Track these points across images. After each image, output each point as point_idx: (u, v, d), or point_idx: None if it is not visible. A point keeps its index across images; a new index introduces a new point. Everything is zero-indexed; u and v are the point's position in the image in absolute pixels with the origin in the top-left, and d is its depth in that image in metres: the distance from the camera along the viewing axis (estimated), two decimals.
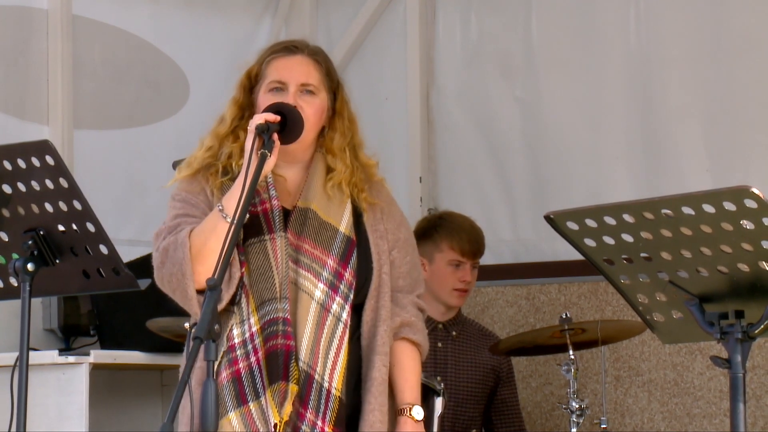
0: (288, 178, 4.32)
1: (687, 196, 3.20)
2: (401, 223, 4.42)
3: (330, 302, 4.20)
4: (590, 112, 6.64)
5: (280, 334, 4.15)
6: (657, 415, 6.42)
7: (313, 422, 4.14)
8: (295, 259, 4.20)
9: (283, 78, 4.31)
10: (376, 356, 4.24)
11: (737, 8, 6.32)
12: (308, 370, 4.16)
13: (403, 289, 4.35)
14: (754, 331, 3.27)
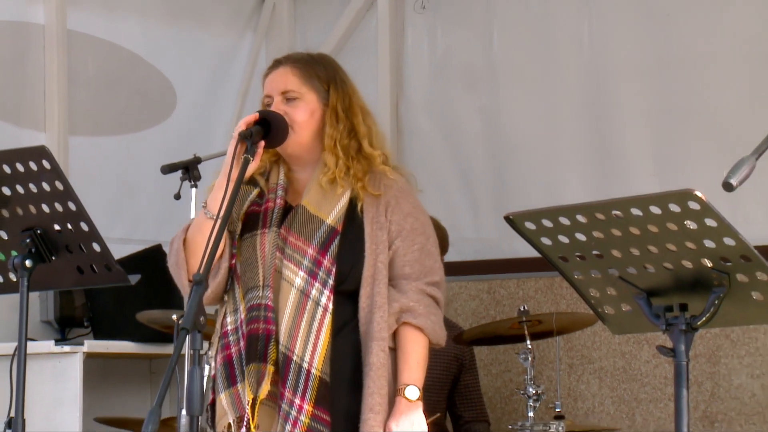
0: (300, 179, 4.31)
1: (635, 198, 3.20)
2: (409, 213, 4.31)
3: (310, 288, 4.17)
4: (546, 121, 6.66)
5: (261, 319, 4.15)
6: (607, 399, 6.45)
7: (291, 400, 4.11)
8: (282, 250, 4.20)
9: (268, 92, 4.32)
10: (374, 342, 4.18)
11: (681, 26, 6.34)
12: (286, 352, 4.14)
13: (409, 277, 4.25)
14: (696, 322, 3.26)
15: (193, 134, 6.60)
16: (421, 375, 4.25)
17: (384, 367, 4.19)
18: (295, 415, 4.12)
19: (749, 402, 6.16)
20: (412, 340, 4.24)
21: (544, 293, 6.47)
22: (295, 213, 4.22)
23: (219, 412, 4.17)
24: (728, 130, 6.03)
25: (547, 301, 6.41)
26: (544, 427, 5.50)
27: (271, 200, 4.25)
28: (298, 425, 4.11)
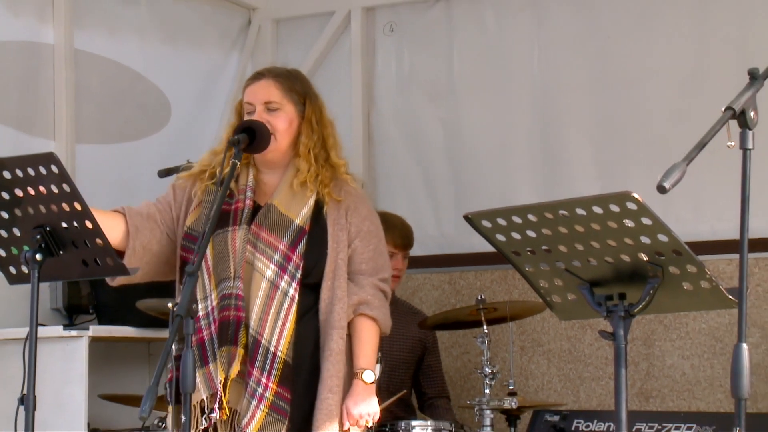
0: (268, 181, 4.35)
1: (580, 199, 3.21)
2: (366, 217, 4.38)
3: (279, 280, 4.20)
4: (500, 131, 6.66)
5: (232, 307, 4.17)
6: (554, 378, 6.46)
7: (258, 379, 4.14)
8: (254, 245, 4.22)
9: (251, 100, 4.34)
10: (334, 330, 4.24)
11: (619, 47, 6.35)
12: (256, 336, 4.16)
13: (365, 273, 4.34)
14: (634, 310, 3.28)
15: (185, 142, 6.59)
16: (374, 360, 4.35)
17: (342, 352, 4.25)
18: (261, 392, 4.15)
19: (680, 380, 6.18)
20: (368, 330, 4.33)
21: (499, 284, 6.47)
22: (266, 212, 4.25)
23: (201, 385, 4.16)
24: (661, 139, 6.05)
25: (502, 291, 6.42)
26: (498, 402, 5.49)
27: (241, 200, 4.28)
28: (263, 401, 4.14)
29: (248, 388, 4.14)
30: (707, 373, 6.12)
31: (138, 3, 6.58)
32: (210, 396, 4.13)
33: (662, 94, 6.23)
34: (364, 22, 6.92)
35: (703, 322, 6.13)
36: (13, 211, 4.14)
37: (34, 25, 6.19)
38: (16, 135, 6.04)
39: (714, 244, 5.65)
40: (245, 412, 4.13)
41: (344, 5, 6.93)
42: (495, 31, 6.67)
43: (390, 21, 6.92)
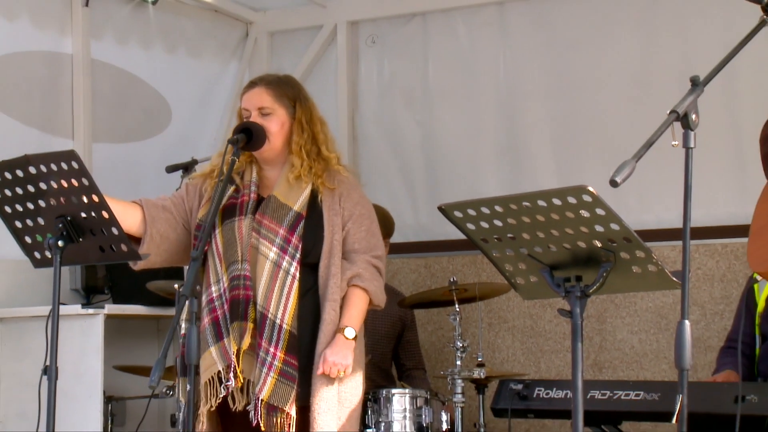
0: (270, 176, 4.40)
1: (541, 192, 3.21)
2: (358, 202, 4.41)
3: (281, 261, 4.22)
4: (470, 131, 6.66)
5: (241, 286, 4.20)
6: (518, 351, 6.47)
7: (267, 349, 4.16)
8: (258, 231, 4.24)
9: (247, 107, 4.39)
10: (328, 303, 4.27)
11: (576, 57, 6.36)
12: (263, 311, 4.18)
13: (358, 251, 4.35)
14: (589, 290, 3.28)
15: (184, 143, 6.60)
16: (359, 323, 4.33)
17: (334, 322, 4.28)
18: (270, 361, 4.16)
19: (629, 352, 6.20)
20: (357, 296, 4.33)
21: (469, 267, 6.48)
22: (267, 202, 4.28)
23: (206, 363, 4.17)
24: (613, 138, 6.07)
25: (471, 274, 6.42)
26: (468, 372, 5.50)
27: (246, 194, 4.31)
28: (273, 369, 4.15)
29: (259, 358, 4.15)
30: (653, 346, 6.14)
31: (146, 18, 6.56)
32: (225, 367, 4.14)
33: (613, 98, 6.24)
34: (349, 34, 6.92)
35: (650, 301, 6.16)
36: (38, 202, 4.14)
37: (56, 38, 6.19)
38: (39, 135, 6.05)
39: (660, 232, 5.68)
40: (257, 380, 4.14)
41: (331, 19, 6.92)
42: (465, 43, 6.67)
43: (372, 34, 6.92)
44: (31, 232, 4.23)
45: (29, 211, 4.19)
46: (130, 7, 6.50)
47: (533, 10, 6.45)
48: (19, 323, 5.77)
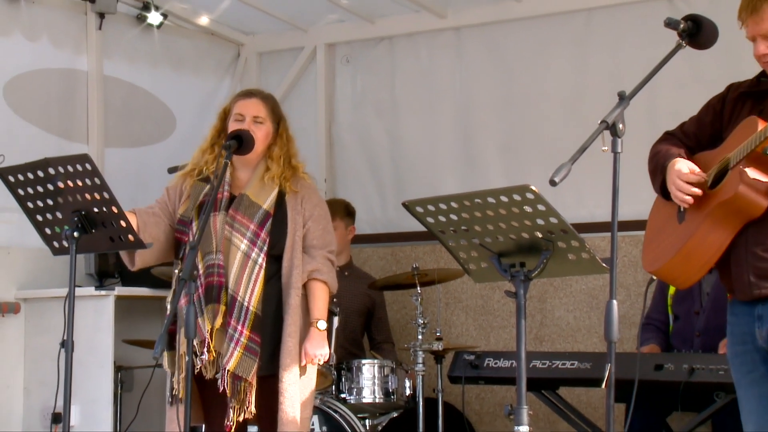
0: (241, 176, 4.41)
1: (490, 190, 3.23)
2: (317, 204, 4.45)
3: (251, 252, 4.25)
4: (431, 139, 6.66)
5: (215, 273, 4.22)
6: (471, 327, 6.48)
7: (235, 327, 4.19)
8: (231, 225, 4.26)
9: (243, 112, 4.38)
10: (292, 289, 4.30)
11: (521, 74, 6.37)
12: (233, 294, 4.21)
13: (316, 246, 4.39)
14: (531, 275, 3.30)
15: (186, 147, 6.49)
16: (325, 313, 4.39)
17: (298, 306, 4.31)
18: (237, 337, 4.19)
19: (566, 328, 6.22)
20: (320, 290, 4.37)
21: (429, 255, 6.48)
22: (240, 200, 4.31)
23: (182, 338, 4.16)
24: (552, 144, 6.07)
25: (431, 261, 6.42)
26: (428, 345, 5.51)
27: (221, 192, 4.28)
28: (239, 344, 4.18)
29: (227, 335, 4.18)
30: (586, 322, 6.16)
31: (151, 40, 6.53)
32: (199, 343, 4.16)
33: (552, 110, 6.25)
34: (327, 55, 6.90)
35: (583, 284, 6.18)
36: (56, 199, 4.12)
37: (72, 57, 6.17)
38: (58, 140, 6.03)
39: (592, 225, 5.69)
40: (225, 353, 4.17)
41: (311, 42, 6.90)
42: (426, 63, 6.67)
43: (346, 54, 6.91)
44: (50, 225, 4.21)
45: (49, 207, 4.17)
46: (137, 31, 6.47)
47: (485, 35, 6.45)
48: (41, 303, 5.75)
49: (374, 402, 5.54)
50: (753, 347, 3.38)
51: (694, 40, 3.31)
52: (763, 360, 3.37)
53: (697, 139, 3.56)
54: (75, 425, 5.49)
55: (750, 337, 3.38)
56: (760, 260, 3.27)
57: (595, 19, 6.13)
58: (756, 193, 3.24)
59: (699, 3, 5.62)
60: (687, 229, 3.41)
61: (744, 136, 3.28)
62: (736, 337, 3.46)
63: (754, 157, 3.23)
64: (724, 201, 3.28)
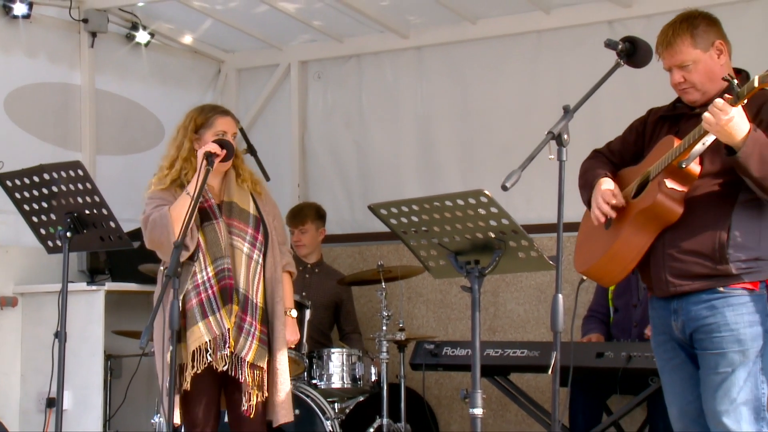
0: (213, 184, 4.38)
1: (448, 195, 3.24)
2: (274, 205, 4.52)
3: (252, 254, 4.28)
4: (394, 148, 6.65)
5: (227, 277, 4.21)
6: (431, 319, 6.47)
7: (250, 322, 4.22)
8: (230, 231, 4.24)
9: (226, 129, 4.40)
10: (277, 282, 4.35)
11: (477, 87, 6.36)
12: (245, 293, 4.23)
13: (282, 242, 4.46)
14: (485, 271, 3.32)
15: None
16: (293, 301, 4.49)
17: (281, 297, 4.37)
18: (252, 331, 4.24)
19: (516, 320, 6.23)
20: (289, 281, 4.47)
21: (393, 254, 6.47)
22: (230, 207, 4.31)
23: (195, 336, 4.14)
24: (504, 153, 6.07)
25: (395, 259, 6.40)
26: (392, 335, 5.51)
27: (209, 200, 4.30)
28: (254, 337, 4.22)
29: (243, 330, 4.21)
30: (535, 314, 6.17)
31: (140, 56, 6.49)
32: (212, 339, 4.14)
33: (505, 121, 6.25)
34: (300, 71, 6.87)
35: (533, 279, 6.19)
36: (51, 202, 4.10)
37: (67, 72, 6.13)
38: (53, 148, 5.99)
39: (540, 226, 5.67)
40: (243, 347, 4.19)
41: (286, 60, 6.87)
42: (391, 79, 6.66)
43: (318, 70, 6.89)
44: (45, 226, 4.18)
45: (43, 209, 4.14)
46: (127, 48, 6.42)
47: (444, 54, 6.45)
48: (36, 297, 5.70)
49: (343, 387, 5.52)
50: (671, 337, 3.53)
51: (632, 60, 3.42)
52: (681, 348, 3.52)
53: (622, 156, 3.70)
54: (68, 409, 5.45)
55: (668, 328, 3.52)
56: (675, 261, 3.41)
57: (544, 40, 6.15)
58: (672, 201, 3.38)
59: (636, 26, 5.66)
60: (612, 235, 3.52)
61: (662, 152, 3.42)
62: (657, 329, 3.60)
63: (671, 170, 3.37)
64: (645, 208, 3.41)
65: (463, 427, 6.27)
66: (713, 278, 3.36)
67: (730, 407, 3.31)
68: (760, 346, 3.36)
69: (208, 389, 4.21)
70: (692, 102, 3.50)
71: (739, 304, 3.35)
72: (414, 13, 6.26)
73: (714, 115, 3.18)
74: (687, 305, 3.42)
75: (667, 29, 3.48)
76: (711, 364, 3.37)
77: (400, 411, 5.48)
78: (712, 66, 3.43)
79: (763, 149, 3.20)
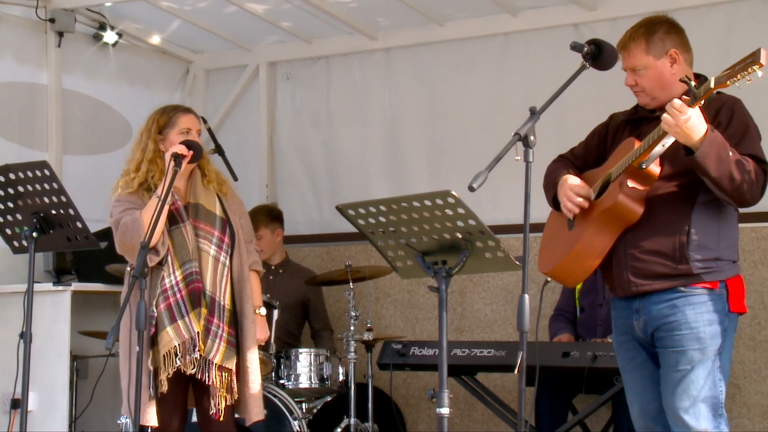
0: (179, 185, 4.35)
1: (415, 195, 3.23)
2: (240, 203, 4.50)
3: (219, 255, 4.26)
4: (362, 148, 6.65)
5: (194, 280, 4.19)
6: (398, 319, 6.48)
7: (217, 324, 4.20)
8: (197, 234, 4.22)
9: (190, 126, 4.36)
10: (246, 282, 4.34)
11: (444, 91, 6.39)
12: (212, 296, 4.21)
13: (248, 241, 4.45)
14: (452, 271, 3.32)
15: None
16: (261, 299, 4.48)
17: (251, 297, 4.36)
18: (220, 333, 4.22)
19: (484, 320, 6.25)
20: (256, 280, 4.46)
21: (361, 254, 6.47)
22: (196, 209, 4.29)
23: (165, 340, 4.14)
24: (472, 154, 6.10)
25: (363, 259, 6.40)
26: (360, 335, 5.51)
27: (175, 202, 4.27)
28: (222, 339, 4.21)
29: (211, 332, 4.19)
30: (502, 314, 6.19)
31: (107, 56, 6.44)
32: (181, 343, 4.13)
33: (473, 123, 6.27)
34: (269, 72, 6.85)
35: (499, 279, 6.21)
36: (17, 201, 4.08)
37: (34, 72, 6.08)
38: (19, 148, 5.92)
39: (507, 227, 5.72)
40: (211, 349, 4.17)
41: (255, 60, 6.85)
42: (359, 80, 6.66)
43: (286, 72, 6.88)
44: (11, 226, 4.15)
45: (9, 209, 4.11)
46: (94, 48, 6.37)
47: (411, 56, 6.46)
48: (2, 297, 5.63)
49: (310, 387, 5.51)
50: (632, 337, 3.57)
51: (597, 62, 3.44)
52: (642, 347, 3.56)
53: (585, 160, 3.76)
54: (33, 410, 5.39)
55: (629, 328, 3.56)
56: (636, 261, 3.45)
57: (511, 42, 6.17)
58: (633, 201, 3.43)
59: (601, 29, 5.69)
60: (575, 235, 3.55)
61: (623, 154, 3.47)
62: (618, 329, 3.65)
63: (632, 171, 3.42)
64: (606, 209, 3.45)
65: (431, 426, 6.28)
66: (674, 278, 3.41)
67: (689, 404, 3.36)
68: (719, 344, 3.42)
69: (174, 391, 4.19)
70: (644, 105, 3.60)
71: (699, 303, 3.41)
72: (382, 15, 6.27)
73: (672, 116, 3.23)
74: (648, 305, 3.47)
75: (627, 32, 3.57)
76: (671, 362, 3.42)
77: (367, 411, 5.47)
78: (662, 73, 3.51)
79: (720, 149, 3.26)
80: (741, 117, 3.44)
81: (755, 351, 5.52)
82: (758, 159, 3.38)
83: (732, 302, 3.45)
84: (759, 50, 3.07)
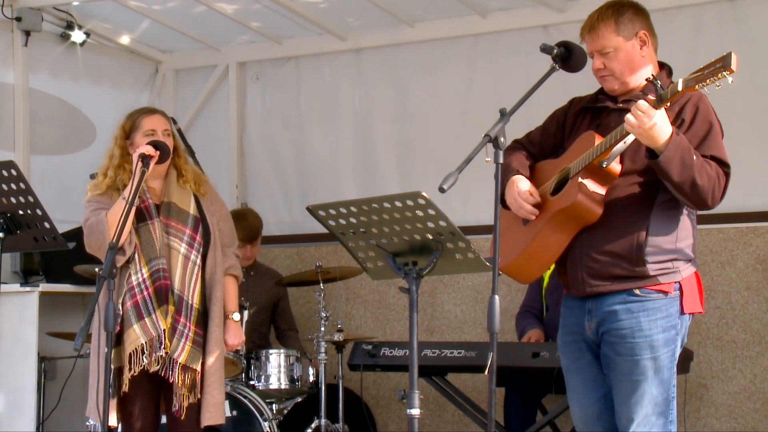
0: (154, 185, 4.33)
1: (386, 196, 3.23)
2: (222, 205, 4.47)
3: (189, 254, 4.24)
4: (332, 148, 6.65)
5: (162, 277, 4.16)
6: (369, 320, 6.48)
7: (184, 323, 4.18)
8: (167, 232, 4.20)
9: (155, 127, 4.32)
10: (217, 284, 4.31)
11: (414, 92, 6.41)
12: (180, 294, 4.18)
13: (227, 245, 4.42)
14: (423, 272, 3.31)
15: None
16: (237, 305, 4.44)
17: (221, 300, 4.33)
18: (186, 333, 4.19)
19: (454, 320, 6.27)
20: (233, 284, 4.42)
21: (332, 255, 6.47)
22: (168, 207, 4.26)
23: (131, 338, 4.11)
24: (442, 155, 6.10)
25: (333, 260, 6.40)
26: (330, 336, 5.51)
27: (146, 200, 4.25)
28: (188, 339, 4.18)
29: (177, 331, 4.17)
30: (472, 315, 6.22)
31: (75, 56, 6.39)
32: (148, 341, 4.11)
33: (443, 124, 6.29)
34: (239, 72, 6.84)
35: (470, 280, 6.23)
36: None
37: (0, 71, 6.00)
38: None
39: (477, 228, 5.74)
40: (176, 348, 4.15)
41: (224, 61, 6.83)
42: (329, 80, 6.66)
43: (256, 72, 6.86)
44: None
45: None
46: (62, 48, 6.32)
47: (381, 56, 6.47)
48: None
49: (280, 388, 5.51)
50: (581, 338, 3.52)
51: (566, 64, 3.42)
52: (589, 349, 3.51)
53: (541, 147, 3.69)
54: (0, 412, 5.36)
55: (580, 328, 3.51)
56: (592, 261, 3.41)
57: (481, 43, 6.20)
58: (592, 201, 3.38)
59: (570, 31, 5.67)
60: (530, 232, 3.51)
61: (582, 149, 3.41)
62: (567, 328, 3.59)
63: (591, 169, 3.37)
64: (564, 208, 3.40)
65: (401, 427, 6.29)
66: (630, 279, 3.37)
67: (641, 416, 3.35)
68: (673, 349, 3.39)
69: (145, 391, 4.18)
70: (611, 90, 3.51)
71: (654, 308, 3.36)
72: (352, 16, 6.27)
73: (637, 118, 3.18)
74: (602, 306, 3.42)
75: (594, 14, 3.48)
76: (624, 371, 3.39)
77: (338, 412, 5.47)
78: (633, 55, 3.43)
79: (684, 154, 3.22)
80: (705, 115, 3.37)
81: (722, 351, 5.57)
82: (720, 161, 3.33)
83: (685, 303, 3.40)
84: (729, 55, 3.01)
